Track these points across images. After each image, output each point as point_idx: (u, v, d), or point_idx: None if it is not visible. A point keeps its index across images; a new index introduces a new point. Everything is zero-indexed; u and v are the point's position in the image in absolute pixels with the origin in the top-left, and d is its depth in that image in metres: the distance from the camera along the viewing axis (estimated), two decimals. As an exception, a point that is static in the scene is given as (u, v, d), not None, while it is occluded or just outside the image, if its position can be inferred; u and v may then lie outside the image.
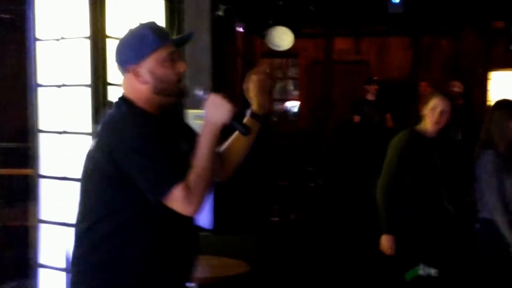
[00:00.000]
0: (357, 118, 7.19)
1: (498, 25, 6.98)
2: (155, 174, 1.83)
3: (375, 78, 7.51)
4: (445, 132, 3.65)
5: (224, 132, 2.01)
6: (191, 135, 2.09)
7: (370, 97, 7.30)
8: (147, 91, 1.95)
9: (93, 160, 1.94)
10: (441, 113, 3.55)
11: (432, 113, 3.56)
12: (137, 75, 1.95)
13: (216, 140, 1.93)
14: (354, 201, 5.89)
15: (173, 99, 2.01)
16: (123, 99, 2.00)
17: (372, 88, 7.26)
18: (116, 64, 2.02)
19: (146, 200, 1.86)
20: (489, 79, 9.15)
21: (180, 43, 2.10)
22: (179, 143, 2.01)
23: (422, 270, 3.40)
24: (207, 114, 1.93)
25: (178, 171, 1.85)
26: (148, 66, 1.94)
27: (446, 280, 3.49)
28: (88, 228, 1.94)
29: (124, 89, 2.02)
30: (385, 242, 3.56)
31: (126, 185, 1.87)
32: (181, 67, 1.99)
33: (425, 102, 3.62)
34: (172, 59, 1.97)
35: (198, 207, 1.87)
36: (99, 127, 1.99)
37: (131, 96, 1.98)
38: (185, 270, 2.06)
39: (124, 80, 2.01)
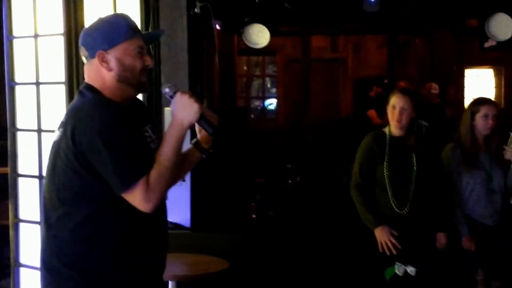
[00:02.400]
0: (373, 112, 7.09)
1: (471, 23, 7.07)
2: (119, 168, 1.83)
3: (386, 81, 7.51)
4: (411, 129, 3.54)
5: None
6: (156, 124, 2.10)
7: (373, 94, 7.32)
8: (111, 78, 1.96)
9: (58, 150, 1.92)
10: (401, 110, 3.45)
11: (392, 112, 3.48)
12: (103, 60, 1.95)
13: (182, 139, 1.92)
14: (332, 198, 5.94)
15: (133, 92, 2.01)
16: (87, 87, 1.99)
17: (378, 90, 7.28)
18: (81, 48, 2.00)
19: (111, 192, 1.86)
20: (464, 76, 9.29)
21: (149, 40, 2.11)
22: (145, 133, 2.01)
23: (397, 269, 3.40)
24: (174, 113, 1.93)
25: (141, 166, 1.84)
26: (117, 53, 1.94)
27: (425, 278, 3.52)
28: (58, 218, 1.93)
29: (87, 76, 2.01)
30: (381, 233, 3.45)
31: (92, 175, 1.86)
32: (148, 61, 2.00)
33: (387, 100, 3.56)
34: (141, 52, 1.98)
35: (155, 205, 1.86)
36: (64, 117, 1.97)
37: (95, 83, 1.98)
38: (159, 260, 2.06)
39: (88, 66, 2.00)
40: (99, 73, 1.97)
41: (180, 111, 1.92)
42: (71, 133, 1.86)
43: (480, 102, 3.77)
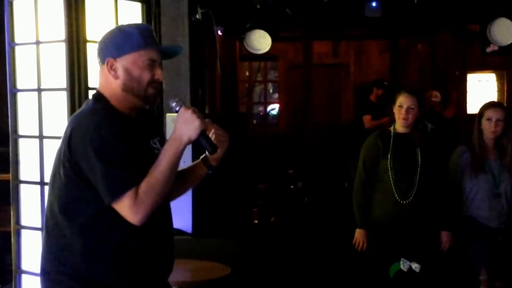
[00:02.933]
0: (368, 118, 7.09)
1: (473, 28, 7.08)
2: (108, 178, 1.82)
3: (386, 83, 7.49)
4: (416, 127, 3.76)
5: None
6: (163, 138, 2.10)
7: (373, 98, 7.30)
8: (117, 86, 1.97)
9: (58, 154, 1.95)
10: (408, 110, 3.66)
11: (399, 111, 3.68)
12: (111, 68, 1.96)
13: (179, 154, 1.90)
14: (333, 203, 5.93)
15: (139, 102, 2.00)
16: (96, 95, 2.01)
17: (379, 91, 7.26)
18: (97, 56, 2.04)
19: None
20: (466, 81, 9.29)
21: (167, 53, 2.10)
22: (152, 145, 2.01)
23: (402, 265, 3.45)
24: (175, 127, 1.92)
25: (131, 178, 1.83)
26: (125, 63, 1.95)
27: (429, 275, 3.55)
28: (55, 225, 1.94)
29: (99, 82, 2.03)
30: (360, 235, 3.73)
31: (86, 183, 1.86)
32: (158, 74, 1.99)
33: (393, 101, 3.75)
34: (151, 65, 1.97)
35: (143, 217, 1.84)
36: (68, 123, 1.99)
37: (104, 90, 2.00)
38: (162, 267, 2.06)
39: (100, 71, 2.03)
40: (107, 80, 1.99)
41: (181, 126, 1.91)
42: (68, 139, 1.88)
43: (485, 105, 3.79)
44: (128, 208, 1.83)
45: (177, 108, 1.96)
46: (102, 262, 1.91)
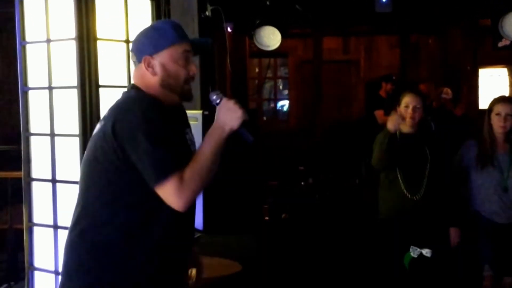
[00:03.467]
0: (381, 113, 7.06)
1: (485, 22, 7.02)
2: (155, 160, 1.83)
3: (394, 77, 7.45)
4: (422, 126, 3.80)
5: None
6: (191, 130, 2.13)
7: (383, 93, 7.26)
8: (156, 83, 2.00)
9: (95, 144, 1.95)
10: (414, 109, 3.69)
11: (405, 111, 3.71)
12: (148, 65, 2.00)
13: (221, 142, 1.94)
14: (344, 199, 5.92)
15: (177, 99, 2.04)
16: (133, 86, 2.05)
17: (388, 86, 7.22)
18: (132, 52, 2.07)
19: (144, 188, 1.86)
20: (478, 76, 9.22)
21: (198, 47, 2.12)
22: (185, 135, 2.05)
23: (412, 252, 3.48)
24: (218, 116, 1.98)
25: (177, 161, 1.85)
26: (162, 59, 1.99)
27: (441, 260, 3.58)
28: (86, 214, 1.94)
29: (135, 78, 2.07)
30: (390, 119, 3.66)
31: (127, 167, 1.87)
32: (193, 70, 2.05)
33: (397, 101, 3.78)
34: (186, 59, 2.03)
35: (187, 203, 1.86)
36: (107, 112, 2.00)
37: (141, 86, 2.03)
38: (183, 266, 2.09)
39: (136, 69, 2.06)
40: (144, 77, 2.02)
41: (224, 115, 1.96)
42: (112, 125, 1.88)
43: (495, 100, 3.78)
44: (173, 191, 1.83)
45: (218, 101, 2.02)
46: (140, 256, 1.92)
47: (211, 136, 1.94)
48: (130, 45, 2.16)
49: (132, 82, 2.09)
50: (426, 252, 3.47)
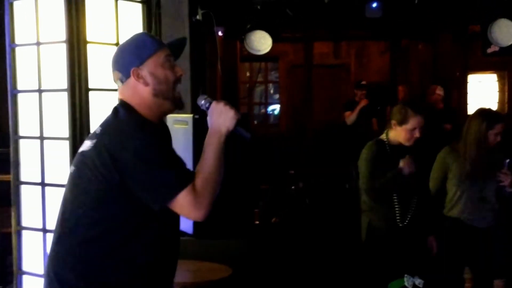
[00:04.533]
0: (349, 114, 7.18)
1: (474, 28, 7.07)
2: (164, 179, 1.84)
3: (364, 82, 7.55)
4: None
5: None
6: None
7: (358, 99, 7.36)
8: (148, 94, 1.99)
9: (88, 163, 1.91)
10: (419, 132, 3.49)
11: (410, 133, 3.49)
12: (139, 77, 1.99)
13: (222, 146, 1.96)
14: (335, 203, 5.93)
15: (171, 106, 2.03)
16: (123, 104, 2.02)
17: (360, 92, 7.32)
18: (115, 72, 2.05)
19: (142, 211, 1.87)
20: (467, 82, 9.28)
21: (175, 49, 2.12)
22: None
23: (407, 282, 3.40)
24: (211, 121, 1.99)
25: (183, 178, 1.86)
26: (149, 67, 1.99)
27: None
28: (76, 227, 1.91)
29: (124, 95, 2.03)
30: (405, 162, 3.43)
31: (118, 189, 1.85)
32: (179, 71, 2.05)
33: (400, 117, 3.51)
34: (170, 62, 2.03)
35: (207, 211, 1.88)
36: (98, 129, 1.98)
37: (132, 102, 2.00)
38: (171, 275, 2.08)
39: (123, 88, 2.03)
40: (136, 91, 2.00)
41: (217, 119, 1.98)
42: (107, 149, 1.86)
43: (495, 118, 3.71)
44: (189, 205, 1.84)
45: (207, 105, 2.03)
46: (122, 267, 1.91)
47: (210, 143, 1.96)
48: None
49: (119, 98, 2.04)
50: (419, 282, 3.39)
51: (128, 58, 2.01)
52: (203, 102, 2.04)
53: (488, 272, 3.77)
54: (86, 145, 1.97)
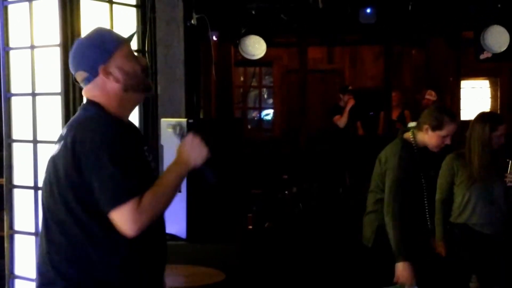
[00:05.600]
0: (338, 117, 7.23)
1: (467, 35, 7.11)
2: (114, 184, 1.80)
3: (350, 87, 7.61)
4: None
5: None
6: (151, 146, 2.11)
7: (342, 104, 7.41)
8: (119, 90, 1.96)
9: (57, 164, 1.90)
10: (450, 139, 3.38)
11: (441, 140, 3.37)
12: (108, 73, 1.95)
13: (184, 177, 1.95)
14: (328, 208, 5.93)
15: (141, 95, 2.03)
16: (90, 103, 1.98)
17: (346, 97, 7.37)
18: (78, 73, 2.00)
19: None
20: (460, 88, 9.32)
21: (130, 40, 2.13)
22: (144, 152, 2.01)
23: None
24: (183, 151, 1.97)
25: (138, 186, 1.83)
26: (116, 63, 1.96)
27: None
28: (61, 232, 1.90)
29: (92, 95, 1.99)
30: (403, 269, 3.16)
31: (87, 190, 1.83)
32: (143, 61, 2.04)
33: (435, 123, 3.37)
34: (133, 53, 2.02)
35: (141, 229, 1.83)
36: (63, 131, 1.96)
37: (100, 100, 1.97)
38: (158, 276, 2.06)
39: (90, 86, 1.99)
40: (105, 88, 1.97)
41: (190, 151, 1.97)
42: (71, 146, 1.85)
43: (497, 120, 3.72)
44: (128, 216, 1.80)
45: (183, 132, 2.06)
46: (113, 267, 1.90)
47: (174, 170, 1.94)
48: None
49: (86, 96, 2.01)
50: None
51: (93, 56, 1.95)
52: (178, 130, 2.07)
53: (494, 281, 3.75)
54: (55, 149, 1.95)
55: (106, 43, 1.96)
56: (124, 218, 1.81)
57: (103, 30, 2.05)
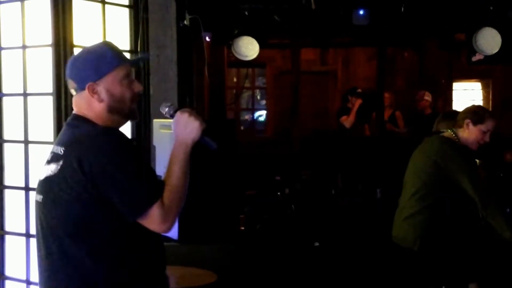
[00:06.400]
0: (345, 118, 7.24)
1: (460, 37, 7.13)
2: (134, 193, 1.83)
3: (359, 90, 7.62)
4: None
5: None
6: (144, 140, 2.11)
7: (350, 106, 7.42)
8: (103, 110, 1.95)
9: (59, 182, 1.87)
10: (490, 135, 3.46)
11: (482, 134, 3.44)
12: (94, 92, 1.94)
13: (188, 157, 1.95)
14: (321, 210, 5.94)
15: (124, 120, 2.01)
16: (79, 118, 1.97)
17: (355, 99, 7.39)
18: (70, 81, 1.99)
19: (120, 218, 1.85)
20: (453, 89, 9.35)
21: (136, 63, 2.11)
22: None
23: None
24: (176, 132, 1.96)
25: (155, 190, 1.86)
26: (106, 84, 1.94)
27: None
28: (62, 246, 1.88)
29: (78, 107, 1.99)
30: None
31: (99, 204, 1.83)
32: (137, 87, 2.00)
33: (476, 117, 3.46)
34: (129, 79, 1.99)
35: (172, 225, 1.88)
36: (60, 150, 1.91)
37: (87, 114, 1.96)
38: (161, 282, 2.06)
39: (77, 97, 1.98)
40: (90, 104, 1.96)
41: (183, 129, 1.95)
42: (78, 163, 1.82)
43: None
44: (158, 218, 1.84)
45: (171, 112, 2.00)
46: (121, 277, 1.90)
47: (176, 155, 1.94)
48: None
49: (74, 111, 2.00)
50: None
51: (85, 71, 1.94)
52: (167, 109, 2.02)
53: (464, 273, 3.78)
54: (50, 169, 1.91)
55: (102, 62, 1.94)
56: (154, 221, 1.85)
57: (107, 47, 2.00)
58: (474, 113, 3.49)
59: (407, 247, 3.46)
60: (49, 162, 1.95)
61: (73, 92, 2.00)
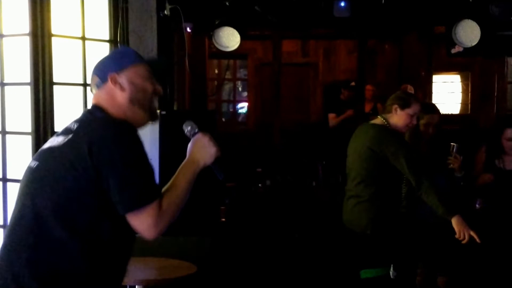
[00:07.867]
0: (333, 116, 7.34)
1: (439, 29, 7.18)
2: (137, 186, 1.83)
3: (352, 83, 7.72)
4: None
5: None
6: None
7: (343, 98, 7.54)
8: (125, 100, 1.98)
9: (59, 159, 1.87)
10: (416, 119, 3.68)
11: (410, 118, 3.63)
12: (116, 82, 1.98)
13: (195, 177, 2.01)
14: (301, 202, 5.96)
15: (145, 116, 2.03)
16: (97, 108, 1.99)
17: (348, 93, 7.49)
18: (93, 77, 2.03)
19: (107, 210, 1.83)
20: (432, 82, 9.42)
21: (156, 68, 2.12)
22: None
23: (392, 273, 3.46)
24: (193, 151, 2.04)
25: (157, 191, 1.88)
26: (129, 75, 2.00)
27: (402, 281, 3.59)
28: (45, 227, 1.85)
29: (98, 99, 2.01)
30: (459, 222, 3.38)
31: (93, 188, 1.82)
32: (159, 89, 2.06)
33: (402, 102, 3.67)
34: (152, 78, 2.04)
35: (159, 233, 1.88)
36: (73, 125, 1.93)
37: (107, 107, 1.98)
38: (123, 274, 2.06)
39: (100, 90, 2.01)
40: (112, 96, 1.99)
41: (200, 151, 2.04)
42: (88, 145, 1.82)
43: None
44: (151, 219, 1.84)
45: (193, 133, 2.08)
46: (99, 262, 1.89)
47: (185, 170, 2.00)
48: (86, 43, 2.15)
49: (93, 103, 2.02)
50: (393, 274, 3.47)
51: (108, 64, 2.02)
52: (189, 128, 2.09)
53: (434, 267, 3.87)
54: (57, 140, 1.92)
55: (125, 57, 2.03)
56: (146, 221, 1.84)
57: (130, 48, 2.23)
58: (400, 98, 3.69)
59: (358, 231, 3.61)
60: (58, 134, 1.97)
61: (93, 90, 2.04)
